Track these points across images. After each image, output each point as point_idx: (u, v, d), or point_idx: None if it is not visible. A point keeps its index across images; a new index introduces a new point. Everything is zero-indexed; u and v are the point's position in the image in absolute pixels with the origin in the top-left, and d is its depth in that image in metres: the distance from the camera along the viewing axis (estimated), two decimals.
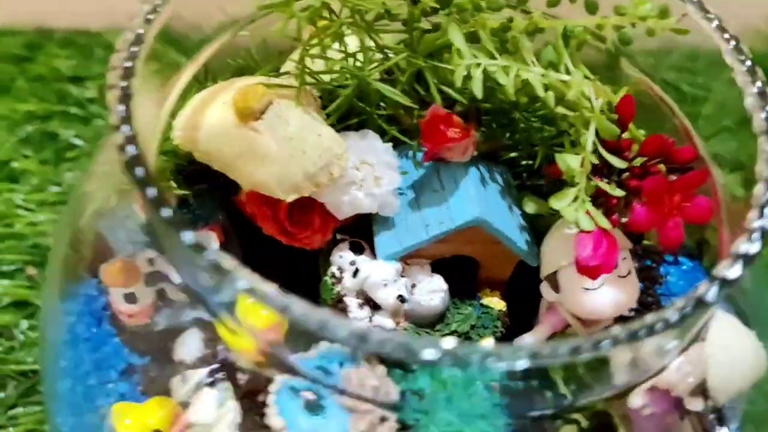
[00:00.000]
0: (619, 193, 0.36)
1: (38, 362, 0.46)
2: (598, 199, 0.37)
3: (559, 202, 0.35)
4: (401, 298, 0.39)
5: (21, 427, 0.54)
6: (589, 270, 0.36)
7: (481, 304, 0.43)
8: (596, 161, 0.36)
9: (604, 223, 0.35)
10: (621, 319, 0.42)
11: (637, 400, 0.40)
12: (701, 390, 0.38)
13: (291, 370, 0.39)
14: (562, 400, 0.40)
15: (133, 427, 0.38)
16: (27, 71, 0.76)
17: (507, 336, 0.43)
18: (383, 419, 0.39)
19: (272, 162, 0.35)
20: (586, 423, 0.41)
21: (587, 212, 0.35)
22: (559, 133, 0.39)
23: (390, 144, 0.38)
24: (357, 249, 0.41)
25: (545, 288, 0.41)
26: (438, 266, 0.41)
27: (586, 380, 0.41)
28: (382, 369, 0.39)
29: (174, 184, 0.39)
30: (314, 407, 0.39)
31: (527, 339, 0.43)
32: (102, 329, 0.41)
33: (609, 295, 0.39)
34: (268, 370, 0.39)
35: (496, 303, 0.43)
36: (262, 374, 0.39)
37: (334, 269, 0.41)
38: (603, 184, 0.36)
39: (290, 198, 0.36)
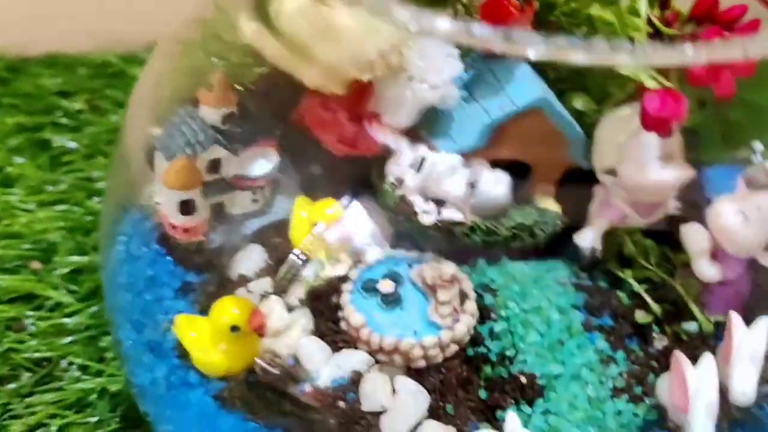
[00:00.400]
0: None
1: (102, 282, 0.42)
2: None
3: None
4: (471, 185, 0.39)
5: (38, 415, 0.50)
6: (658, 122, 0.36)
7: (538, 207, 0.43)
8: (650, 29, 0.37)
9: (665, 82, 0.36)
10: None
11: (708, 270, 0.40)
12: None
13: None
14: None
15: (198, 331, 0.35)
16: (13, 89, 0.75)
17: (565, 235, 0.43)
18: (464, 297, 0.38)
19: (347, 39, 0.35)
20: (659, 310, 0.41)
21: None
22: None
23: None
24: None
25: (603, 176, 0.42)
26: None
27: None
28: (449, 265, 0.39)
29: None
30: (391, 301, 0.38)
31: (587, 233, 0.43)
32: (152, 249, 0.39)
33: (671, 172, 0.40)
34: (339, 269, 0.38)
35: (551, 204, 0.44)
36: (331, 278, 0.38)
37: (391, 179, 0.40)
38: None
39: (365, 77, 0.35)
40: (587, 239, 0.43)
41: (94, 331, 0.55)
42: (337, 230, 0.38)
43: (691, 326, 0.40)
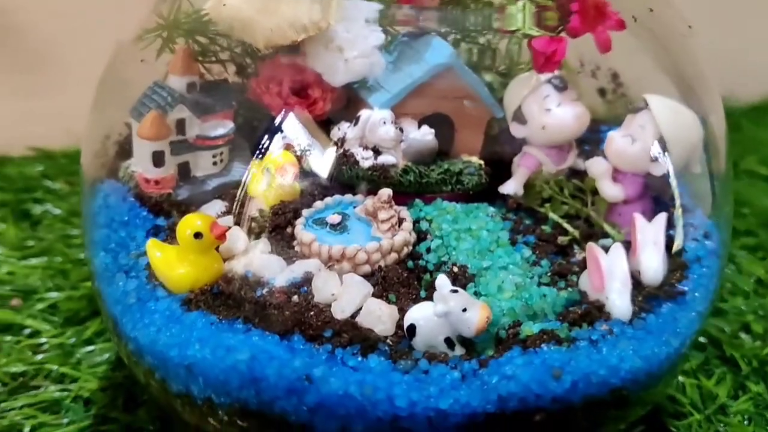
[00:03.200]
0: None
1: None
2: None
3: (513, 20, 0.45)
4: (401, 129, 0.45)
5: (11, 418, 0.51)
6: (546, 60, 0.44)
7: (463, 160, 0.49)
8: None
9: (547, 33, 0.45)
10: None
11: (611, 190, 0.46)
12: (659, 156, 0.45)
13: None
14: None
15: (163, 253, 0.40)
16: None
17: (491, 186, 0.49)
18: (401, 221, 0.43)
19: (284, 10, 0.42)
20: (576, 233, 0.46)
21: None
22: None
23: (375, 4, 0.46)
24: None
25: (514, 126, 0.49)
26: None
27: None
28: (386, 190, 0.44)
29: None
30: (338, 229, 0.43)
31: (509, 183, 0.50)
32: (127, 201, 0.44)
33: (569, 112, 0.47)
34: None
35: (474, 159, 0.50)
36: (285, 216, 0.43)
37: (333, 137, 0.47)
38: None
39: (300, 37, 0.43)
40: (509, 187, 0.49)
41: (70, 348, 0.58)
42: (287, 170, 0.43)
43: (606, 242, 0.45)
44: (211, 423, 0.37)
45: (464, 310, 0.35)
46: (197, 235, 0.39)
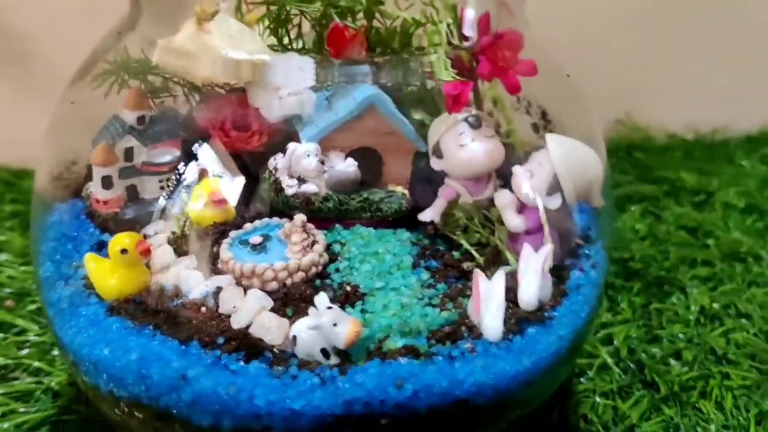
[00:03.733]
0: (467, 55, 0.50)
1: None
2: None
3: (433, 65, 0.49)
4: (322, 161, 0.51)
5: None
6: (453, 100, 0.49)
7: (387, 190, 0.54)
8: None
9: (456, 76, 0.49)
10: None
11: (513, 221, 0.50)
12: (554, 190, 0.48)
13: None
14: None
15: (97, 265, 0.46)
16: (17, 188, 0.90)
17: (412, 214, 0.53)
18: (314, 243, 0.48)
19: (219, 59, 0.48)
20: (482, 259, 0.50)
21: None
22: None
23: (308, 57, 0.52)
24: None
25: (433, 160, 0.53)
26: None
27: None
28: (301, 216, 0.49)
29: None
30: (258, 249, 0.48)
31: (427, 211, 0.54)
32: (79, 219, 0.51)
33: (480, 147, 0.52)
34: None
35: (399, 189, 0.55)
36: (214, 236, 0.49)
37: (269, 167, 0.52)
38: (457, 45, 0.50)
39: (232, 81, 0.49)
40: (426, 215, 0.54)
41: (48, 347, 0.65)
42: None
43: (506, 268, 0.49)
44: (116, 413, 0.42)
45: (335, 324, 0.40)
46: (123, 251, 0.45)
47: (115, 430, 0.54)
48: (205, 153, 0.48)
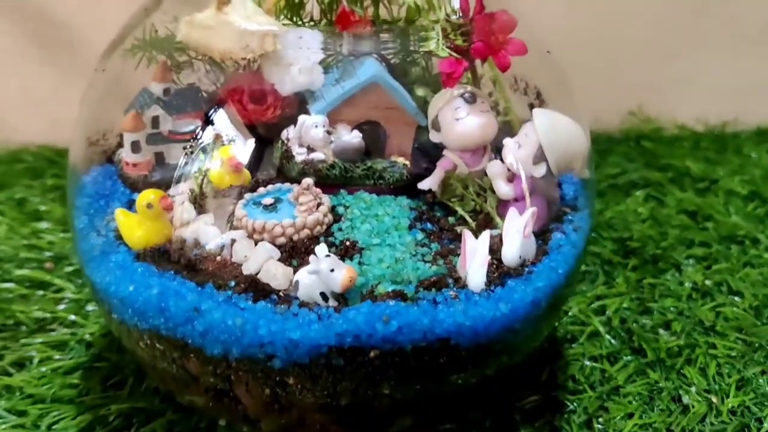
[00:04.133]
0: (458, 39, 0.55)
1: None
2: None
3: (428, 43, 0.54)
4: (328, 132, 0.55)
5: (26, 352, 0.64)
6: (447, 76, 0.53)
7: (391, 160, 0.59)
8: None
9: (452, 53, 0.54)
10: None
11: (502, 189, 0.54)
12: (539, 160, 0.53)
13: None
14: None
15: (126, 219, 0.51)
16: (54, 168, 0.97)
17: (413, 182, 0.58)
18: (319, 205, 0.53)
19: (235, 32, 0.53)
20: (474, 224, 0.54)
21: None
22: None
23: (317, 32, 0.57)
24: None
25: (432, 133, 0.58)
26: None
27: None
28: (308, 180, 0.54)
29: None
30: (269, 209, 0.53)
31: (426, 180, 0.58)
32: (112, 179, 0.56)
33: (474, 121, 0.56)
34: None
35: (401, 160, 0.59)
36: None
37: (282, 137, 0.57)
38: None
39: (249, 56, 0.54)
40: (425, 184, 0.58)
41: (84, 303, 0.71)
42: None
43: (495, 231, 0.53)
44: (139, 347, 0.48)
45: (332, 270, 0.45)
46: (149, 206, 0.50)
47: (142, 372, 0.60)
48: (220, 118, 0.53)
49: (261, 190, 0.56)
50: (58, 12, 1.00)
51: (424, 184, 0.59)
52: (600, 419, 0.58)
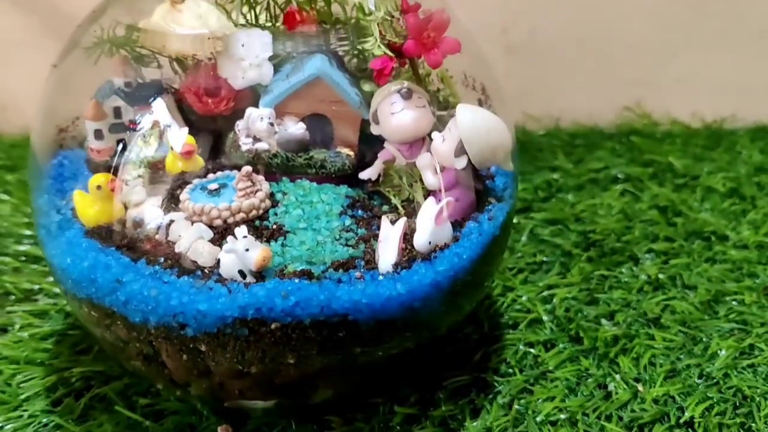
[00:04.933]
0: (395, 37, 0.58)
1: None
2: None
3: (365, 42, 0.58)
4: (272, 123, 0.60)
5: (9, 318, 0.71)
6: (378, 73, 0.57)
7: (336, 151, 0.62)
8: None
9: (387, 51, 0.57)
10: None
11: (430, 179, 0.58)
12: (461, 153, 0.55)
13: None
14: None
15: (82, 198, 0.57)
16: None
17: (355, 172, 0.62)
18: (257, 191, 0.57)
19: (185, 35, 0.58)
20: (402, 211, 0.58)
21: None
22: None
23: (267, 32, 0.61)
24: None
25: (372, 126, 0.61)
26: None
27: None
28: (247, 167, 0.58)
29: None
30: (214, 194, 0.58)
31: (367, 171, 0.62)
32: (77, 165, 0.62)
33: (408, 115, 0.59)
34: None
35: (345, 151, 0.63)
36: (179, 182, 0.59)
37: (235, 128, 0.62)
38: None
39: (199, 53, 0.58)
40: (366, 174, 0.62)
41: None
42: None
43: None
44: (81, 314, 0.53)
45: (247, 250, 0.49)
46: (98, 187, 0.56)
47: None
48: (158, 106, 0.58)
49: (210, 176, 0.61)
50: (73, 6, 1.07)
51: (364, 174, 0.62)
52: (522, 401, 0.61)
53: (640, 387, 0.62)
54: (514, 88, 0.82)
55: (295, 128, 0.63)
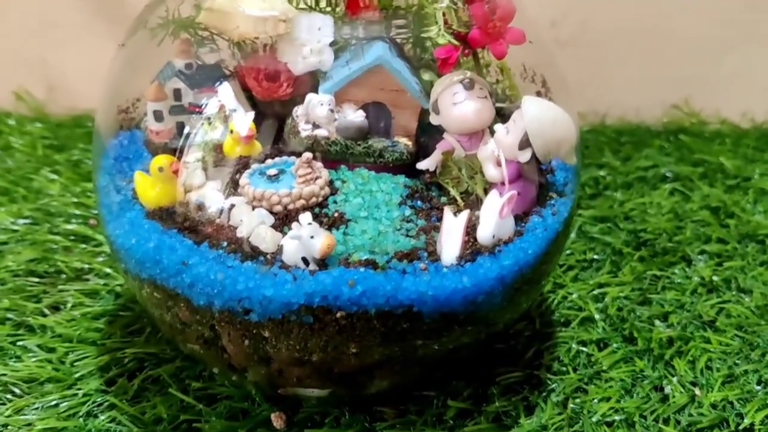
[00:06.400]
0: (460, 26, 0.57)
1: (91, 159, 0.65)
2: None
3: (429, 30, 0.57)
4: (332, 110, 0.59)
5: (62, 297, 0.71)
6: (442, 63, 0.56)
7: (393, 140, 0.62)
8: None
9: (451, 40, 0.56)
10: None
11: (491, 171, 0.57)
12: (525, 145, 0.55)
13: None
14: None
15: (142, 180, 0.57)
16: None
17: (413, 162, 0.61)
18: (317, 178, 0.57)
19: (249, 17, 0.58)
20: (462, 203, 0.57)
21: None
22: None
23: (329, 17, 0.61)
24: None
25: (432, 116, 0.60)
26: None
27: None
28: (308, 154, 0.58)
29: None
30: (273, 179, 0.58)
31: (425, 161, 0.61)
32: (137, 146, 0.62)
33: (470, 106, 0.58)
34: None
35: (404, 140, 0.62)
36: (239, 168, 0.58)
37: (293, 114, 0.62)
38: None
39: (262, 35, 0.58)
40: (424, 164, 0.61)
41: None
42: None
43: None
44: (142, 295, 0.53)
45: (312, 237, 0.49)
46: (160, 169, 0.56)
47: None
48: (224, 90, 0.58)
49: (269, 161, 0.61)
50: None
51: (422, 165, 0.62)
52: (577, 400, 0.60)
53: (697, 391, 0.61)
54: None
55: (354, 116, 0.62)
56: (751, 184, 0.91)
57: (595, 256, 0.77)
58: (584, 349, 0.65)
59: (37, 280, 0.74)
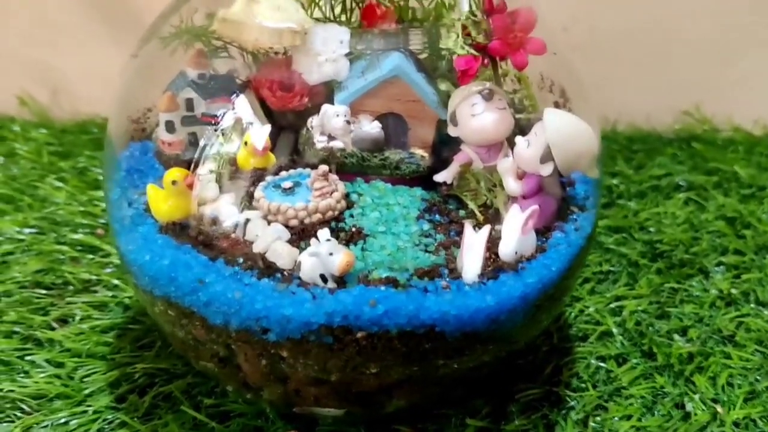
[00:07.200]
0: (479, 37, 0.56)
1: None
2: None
3: (448, 41, 0.56)
4: (348, 122, 0.58)
5: (70, 310, 0.70)
6: (462, 73, 0.55)
7: (410, 151, 0.61)
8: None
9: (471, 51, 0.55)
10: None
11: (511, 185, 0.56)
12: (547, 159, 0.53)
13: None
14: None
15: (155, 193, 0.55)
16: None
17: (430, 174, 0.60)
18: (333, 191, 0.55)
19: (263, 27, 0.57)
20: (481, 217, 0.56)
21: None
22: None
23: (344, 27, 0.59)
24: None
25: (450, 127, 0.59)
26: None
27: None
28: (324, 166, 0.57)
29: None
30: (288, 192, 0.56)
31: (442, 173, 0.60)
32: (148, 158, 0.61)
33: (490, 117, 0.57)
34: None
35: (420, 152, 0.61)
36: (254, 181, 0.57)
37: (308, 124, 0.60)
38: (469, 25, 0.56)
39: (276, 45, 0.57)
40: (441, 176, 0.60)
41: None
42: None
43: (500, 227, 0.55)
44: (154, 311, 0.52)
45: (331, 254, 0.47)
46: (174, 183, 0.54)
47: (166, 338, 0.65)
48: (240, 103, 0.56)
49: (283, 173, 0.60)
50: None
51: (439, 177, 0.60)
52: (597, 418, 0.59)
53: (719, 408, 0.60)
54: None
55: (370, 127, 0.61)
56: (766, 193, 0.90)
57: (611, 268, 0.76)
58: (603, 364, 0.64)
59: (44, 292, 0.73)
